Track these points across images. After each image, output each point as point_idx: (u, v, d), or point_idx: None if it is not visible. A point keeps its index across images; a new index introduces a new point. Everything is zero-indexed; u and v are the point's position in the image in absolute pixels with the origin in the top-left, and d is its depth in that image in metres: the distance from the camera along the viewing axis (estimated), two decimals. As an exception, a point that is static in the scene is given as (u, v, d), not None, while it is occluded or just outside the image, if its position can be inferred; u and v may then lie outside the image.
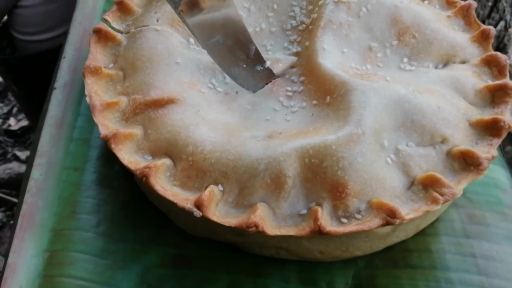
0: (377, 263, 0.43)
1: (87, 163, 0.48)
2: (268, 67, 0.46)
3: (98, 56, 0.47)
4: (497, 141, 0.42)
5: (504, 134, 0.43)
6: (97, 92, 0.45)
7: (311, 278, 0.42)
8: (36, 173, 0.46)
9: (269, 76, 0.46)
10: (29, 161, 0.53)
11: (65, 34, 0.81)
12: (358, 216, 0.38)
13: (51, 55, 0.85)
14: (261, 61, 0.46)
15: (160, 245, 0.43)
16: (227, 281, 0.41)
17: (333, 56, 0.46)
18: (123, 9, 0.51)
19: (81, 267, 0.41)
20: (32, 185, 0.46)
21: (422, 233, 0.44)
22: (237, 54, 0.45)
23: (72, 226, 0.44)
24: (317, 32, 0.47)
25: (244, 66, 0.45)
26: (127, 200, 0.45)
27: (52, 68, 0.88)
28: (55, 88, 0.52)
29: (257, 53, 0.46)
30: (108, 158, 0.48)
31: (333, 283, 0.42)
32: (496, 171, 0.48)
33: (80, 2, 0.59)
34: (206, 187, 0.39)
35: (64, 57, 0.55)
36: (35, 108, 0.98)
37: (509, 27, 1.11)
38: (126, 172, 0.46)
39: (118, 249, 0.43)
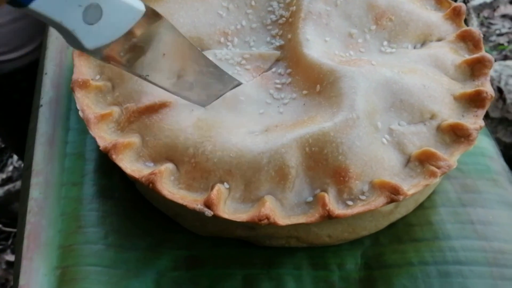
0: (382, 241, 0.44)
1: (85, 177, 0.48)
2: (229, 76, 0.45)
3: (83, 69, 0.47)
4: (482, 112, 0.44)
5: (487, 104, 0.45)
6: (89, 105, 0.45)
7: (322, 263, 0.43)
8: (35, 193, 0.46)
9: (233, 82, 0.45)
10: (23, 182, 0.53)
11: (34, 52, 0.80)
12: (363, 197, 0.40)
13: (22, 74, 0.84)
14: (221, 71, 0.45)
15: (170, 249, 0.43)
16: (242, 275, 0.42)
17: (317, 46, 0.47)
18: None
19: (95, 280, 0.41)
20: (33, 204, 0.45)
21: (421, 207, 0.46)
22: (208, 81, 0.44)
23: (79, 240, 0.44)
24: (298, 24, 0.48)
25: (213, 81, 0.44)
26: (132, 209, 0.46)
27: (23, 87, 0.86)
28: (41, 105, 0.52)
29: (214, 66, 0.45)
30: (106, 170, 0.48)
31: (343, 264, 0.43)
32: (481, 140, 0.51)
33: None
34: (212, 187, 0.40)
35: (45, 73, 0.54)
36: (8, 128, 0.96)
37: (468, 2, 1.15)
38: (126, 181, 0.47)
39: (130, 257, 0.43)
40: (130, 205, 0.46)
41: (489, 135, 0.52)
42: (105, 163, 0.48)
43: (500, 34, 1.62)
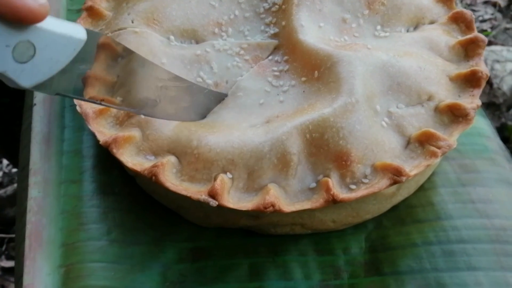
0: (385, 224, 0.45)
1: (84, 173, 0.47)
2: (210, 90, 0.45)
3: (78, 65, 0.47)
4: (478, 91, 0.45)
5: (483, 84, 0.45)
6: (85, 100, 0.44)
7: (327, 248, 0.43)
8: (34, 192, 0.46)
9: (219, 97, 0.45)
10: (19, 183, 0.52)
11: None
12: (366, 181, 0.40)
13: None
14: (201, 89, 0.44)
15: (175, 241, 0.43)
16: (247, 264, 0.42)
17: (313, 32, 0.47)
18: (94, 15, 0.51)
19: (101, 276, 0.41)
20: (32, 204, 0.45)
21: (422, 188, 0.46)
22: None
23: (82, 237, 0.43)
24: (292, 11, 0.48)
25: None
26: (133, 204, 0.45)
27: (13, 91, 0.85)
28: (35, 104, 0.51)
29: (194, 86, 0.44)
30: (104, 166, 0.48)
31: (348, 249, 0.43)
32: (477, 121, 0.51)
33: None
34: (215, 177, 0.40)
35: (37, 72, 0.53)
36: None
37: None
38: (125, 176, 0.46)
39: (134, 252, 0.42)
40: (131, 200, 0.46)
41: (485, 116, 0.52)
42: (104, 159, 0.48)
43: (483, 21, 1.63)
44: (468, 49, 0.48)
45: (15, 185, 1.16)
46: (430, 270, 0.42)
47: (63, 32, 0.33)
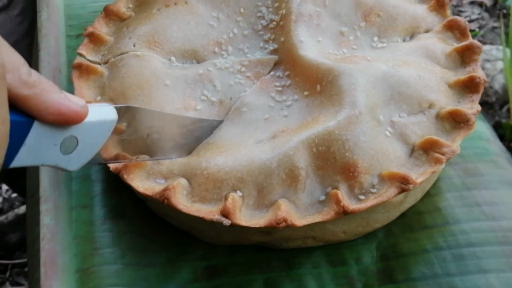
0: (395, 231, 0.45)
1: (94, 198, 0.48)
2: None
3: (84, 91, 0.47)
4: (477, 96, 0.46)
5: (481, 89, 0.46)
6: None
7: (339, 259, 0.44)
8: (46, 219, 0.46)
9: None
10: (29, 210, 0.53)
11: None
12: (374, 190, 0.41)
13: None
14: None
15: (189, 261, 0.44)
16: (262, 280, 0.43)
17: (312, 46, 0.48)
18: (95, 40, 0.51)
19: (118, 300, 0.41)
20: (45, 231, 0.45)
21: (428, 194, 0.47)
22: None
23: (97, 262, 0.44)
24: (290, 27, 0.49)
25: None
26: (145, 226, 0.46)
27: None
28: (41, 132, 0.52)
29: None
30: (114, 190, 0.48)
31: (360, 259, 0.44)
32: (477, 125, 0.51)
33: (42, 42, 0.58)
34: (226, 196, 0.40)
35: (41, 99, 0.54)
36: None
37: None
38: (136, 200, 0.47)
39: (149, 274, 0.43)
40: (143, 223, 0.46)
41: (484, 119, 0.53)
42: (113, 184, 0.48)
43: (471, 21, 1.65)
44: (464, 56, 0.49)
45: (16, 210, 1.16)
46: (442, 275, 0.42)
47: (98, 119, 0.37)
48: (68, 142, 0.35)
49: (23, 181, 0.61)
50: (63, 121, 0.33)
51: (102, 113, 0.37)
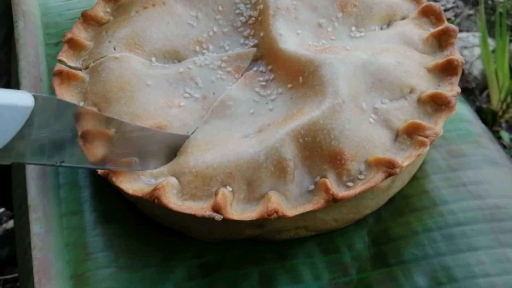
0: (385, 216, 0.46)
1: (83, 204, 0.47)
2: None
3: (66, 98, 0.47)
4: (456, 79, 0.47)
5: (460, 71, 0.47)
6: (77, 131, 0.45)
7: (332, 247, 0.44)
8: (36, 228, 0.46)
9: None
10: (17, 221, 0.52)
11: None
12: (361, 177, 0.41)
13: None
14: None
15: (183, 260, 0.44)
16: (257, 273, 0.43)
17: (292, 39, 0.49)
18: (75, 46, 0.51)
19: (115, 303, 0.41)
20: (36, 240, 0.45)
21: (415, 178, 0.48)
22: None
23: (91, 267, 0.43)
24: (269, 21, 0.50)
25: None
26: (137, 229, 0.46)
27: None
28: (25, 141, 0.51)
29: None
30: (103, 195, 0.48)
31: (352, 245, 0.44)
32: (458, 107, 0.52)
33: (21, 52, 0.58)
34: (216, 192, 0.41)
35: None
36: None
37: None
38: (126, 203, 0.47)
39: (144, 275, 0.43)
40: (135, 225, 0.46)
41: (464, 101, 0.54)
42: (102, 188, 0.48)
43: (446, 9, 1.67)
44: (441, 40, 0.50)
45: (4, 225, 1.15)
46: (433, 256, 0.43)
47: (8, 102, 0.33)
48: None
49: (9, 193, 0.60)
50: None
51: (14, 97, 0.33)
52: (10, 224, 1.13)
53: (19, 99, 0.34)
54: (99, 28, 0.53)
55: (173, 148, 0.44)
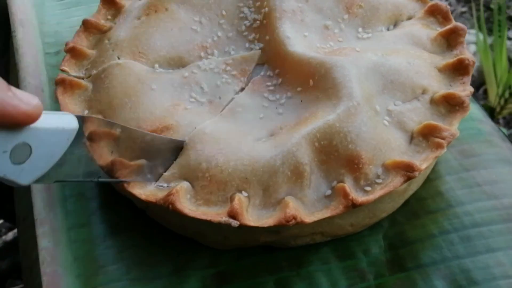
0: (400, 219, 0.45)
1: (91, 216, 0.46)
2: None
3: (69, 107, 0.46)
4: (467, 78, 0.46)
5: (471, 70, 0.47)
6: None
7: (347, 253, 0.43)
8: (44, 242, 0.44)
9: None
10: (22, 234, 0.51)
11: None
12: (379, 181, 0.41)
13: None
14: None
15: (196, 269, 0.43)
16: (273, 281, 0.42)
17: (300, 42, 0.48)
18: (77, 55, 0.50)
19: (129, 317, 0.40)
20: (45, 254, 0.44)
21: (428, 180, 0.47)
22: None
23: (102, 281, 0.42)
24: (275, 24, 0.49)
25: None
26: (147, 238, 0.45)
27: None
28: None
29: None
30: (110, 205, 0.47)
31: (368, 250, 0.44)
32: None
33: (21, 62, 0.56)
34: (232, 197, 0.40)
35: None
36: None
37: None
38: (135, 211, 0.46)
39: (157, 286, 0.42)
40: (144, 234, 0.45)
41: (474, 100, 0.54)
42: (109, 198, 0.47)
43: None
44: (450, 39, 0.49)
45: (3, 237, 1.13)
46: (451, 259, 0.42)
47: (56, 126, 0.33)
48: (19, 150, 0.31)
49: (10, 205, 0.59)
50: (9, 123, 0.30)
51: (61, 120, 0.34)
52: (10, 236, 1.11)
53: (65, 122, 0.34)
54: (101, 36, 0.52)
55: (177, 150, 0.43)
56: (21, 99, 0.30)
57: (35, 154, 0.32)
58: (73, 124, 0.35)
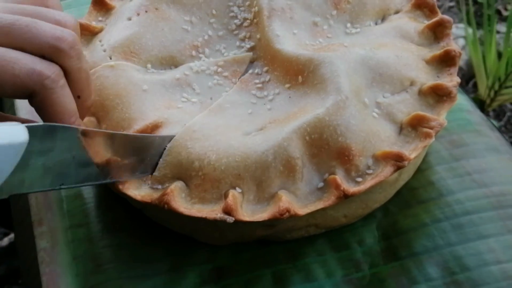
0: (392, 210, 0.46)
1: (88, 215, 0.47)
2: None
3: (64, 109, 0.46)
4: (454, 69, 0.47)
5: (458, 61, 0.47)
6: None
7: (342, 244, 0.44)
8: (42, 243, 0.45)
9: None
10: (18, 236, 0.51)
11: None
12: (370, 171, 0.41)
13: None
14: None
15: (194, 265, 0.43)
16: (270, 274, 0.43)
17: (289, 40, 0.48)
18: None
19: (128, 314, 0.41)
20: (43, 255, 0.44)
21: (419, 170, 0.48)
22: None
23: (101, 279, 0.43)
24: (265, 23, 0.49)
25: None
26: (145, 236, 0.45)
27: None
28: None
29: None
30: (107, 204, 0.47)
31: (362, 241, 0.44)
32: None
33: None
34: (226, 194, 0.40)
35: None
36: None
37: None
38: (132, 210, 0.46)
39: (156, 284, 0.42)
40: (142, 232, 0.45)
41: (461, 91, 0.55)
42: (105, 198, 0.47)
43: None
44: (437, 32, 0.50)
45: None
46: (444, 246, 0.43)
47: (1, 142, 0.31)
48: None
49: (3, 211, 0.59)
50: None
51: (6, 134, 0.32)
52: (5, 241, 1.11)
53: (12, 136, 0.32)
54: (92, 37, 0.53)
55: (154, 153, 0.42)
56: None
57: None
58: (22, 137, 0.32)
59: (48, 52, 0.38)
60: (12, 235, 1.10)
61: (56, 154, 0.36)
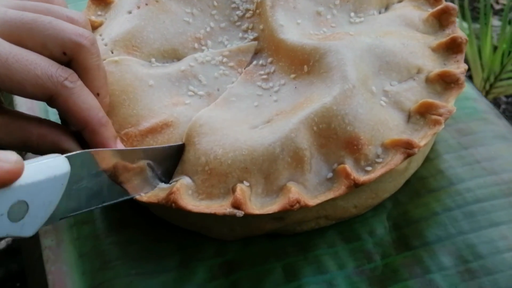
0: (402, 199, 0.45)
1: (94, 212, 0.46)
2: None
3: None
4: (461, 56, 0.46)
5: (465, 48, 0.47)
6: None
7: (353, 235, 0.44)
8: (47, 241, 0.44)
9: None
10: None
11: None
12: (379, 160, 0.41)
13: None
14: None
15: (203, 260, 0.43)
16: (281, 267, 0.42)
17: (293, 29, 0.48)
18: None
19: (139, 310, 0.40)
20: (48, 253, 0.43)
21: (427, 159, 0.48)
22: None
23: (108, 277, 0.42)
24: (268, 13, 0.49)
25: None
26: (152, 232, 0.44)
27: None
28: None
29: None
30: (113, 201, 0.46)
31: (373, 231, 0.44)
32: None
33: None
34: (233, 188, 0.40)
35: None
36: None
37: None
38: (138, 207, 0.45)
39: (166, 280, 0.42)
40: (149, 229, 0.45)
41: (467, 80, 0.54)
42: (110, 194, 0.47)
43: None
44: (442, 19, 0.49)
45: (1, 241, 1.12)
46: (456, 235, 0.43)
47: (47, 176, 0.33)
48: (16, 208, 0.31)
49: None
50: None
51: (50, 167, 0.33)
52: (3, 244, 1.10)
53: (56, 168, 0.34)
54: (92, 32, 0.52)
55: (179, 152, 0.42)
56: None
57: (32, 207, 0.32)
58: (64, 168, 0.34)
59: (70, 48, 0.38)
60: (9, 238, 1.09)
61: (94, 176, 0.37)
